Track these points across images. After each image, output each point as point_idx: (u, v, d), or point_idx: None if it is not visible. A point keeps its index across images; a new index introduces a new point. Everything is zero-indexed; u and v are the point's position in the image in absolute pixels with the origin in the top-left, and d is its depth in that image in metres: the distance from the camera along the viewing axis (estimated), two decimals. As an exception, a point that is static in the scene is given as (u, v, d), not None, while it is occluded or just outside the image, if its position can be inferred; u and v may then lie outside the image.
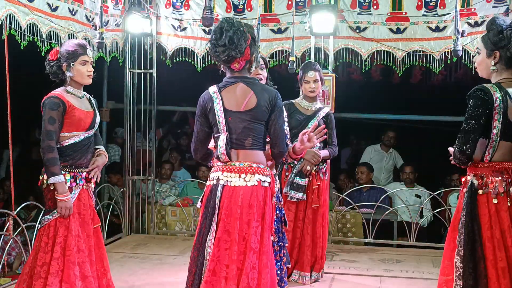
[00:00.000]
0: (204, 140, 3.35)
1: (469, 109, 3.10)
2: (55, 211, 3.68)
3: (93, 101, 3.94)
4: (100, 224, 3.99)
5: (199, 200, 3.41)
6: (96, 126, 3.88)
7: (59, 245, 3.63)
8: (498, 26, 3.15)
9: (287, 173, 4.96)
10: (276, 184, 3.74)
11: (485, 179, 3.14)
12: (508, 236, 3.07)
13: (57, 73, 3.78)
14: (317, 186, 4.93)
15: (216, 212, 3.22)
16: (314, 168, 4.94)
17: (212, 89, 3.29)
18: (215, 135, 3.31)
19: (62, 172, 3.67)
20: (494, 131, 3.10)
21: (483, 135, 3.12)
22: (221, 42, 3.17)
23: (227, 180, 3.25)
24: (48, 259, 3.63)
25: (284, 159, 3.75)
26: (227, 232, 3.19)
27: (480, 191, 3.13)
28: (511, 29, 3.13)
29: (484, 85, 3.13)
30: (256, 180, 3.24)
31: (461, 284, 3.10)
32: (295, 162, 4.93)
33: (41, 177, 3.74)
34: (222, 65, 3.33)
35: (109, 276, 3.92)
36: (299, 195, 4.88)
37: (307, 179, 4.92)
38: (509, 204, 3.10)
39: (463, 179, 3.26)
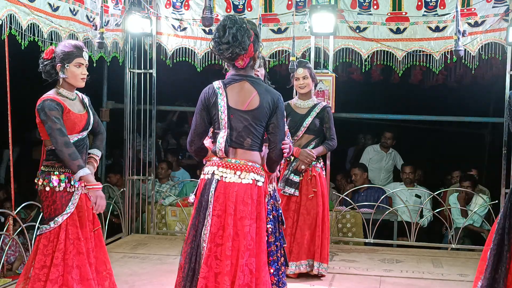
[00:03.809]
0: (201, 134, 3.35)
1: None
2: (53, 220, 3.60)
3: (86, 100, 3.82)
4: (100, 226, 3.94)
5: (193, 193, 3.42)
6: (90, 127, 3.78)
7: (60, 251, 3.58)
8: None
9: (281, 168, 5.04)
10: (273, 184, 3.75)
11: None
12: None
13: (50, 72, 3.69)
14: (310, 177, 5.04)
15: (210, 206, 3.23)
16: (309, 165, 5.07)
17: (217, 84, 3.29)
18: (215, 131, 3.31)
19: (56, 173, 3.62)
20: None
21: None
22: (225, 40, 3.16)
23: (222, 176, 3.26)
24: (48, 262, 3.57)
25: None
26: (222, 227, 3.21)
27: None
28: None
29: None
30: (251, 179, 3.25)
31: None
32: (291, 158, 5.07)
33: (36, 180, 3.68)
34: (226, 63, 3.34)
35: (113, 279, 3.87)
36: (291, 190, 5.03)
37: (301, 176, 5.06)
38: None
39: None
